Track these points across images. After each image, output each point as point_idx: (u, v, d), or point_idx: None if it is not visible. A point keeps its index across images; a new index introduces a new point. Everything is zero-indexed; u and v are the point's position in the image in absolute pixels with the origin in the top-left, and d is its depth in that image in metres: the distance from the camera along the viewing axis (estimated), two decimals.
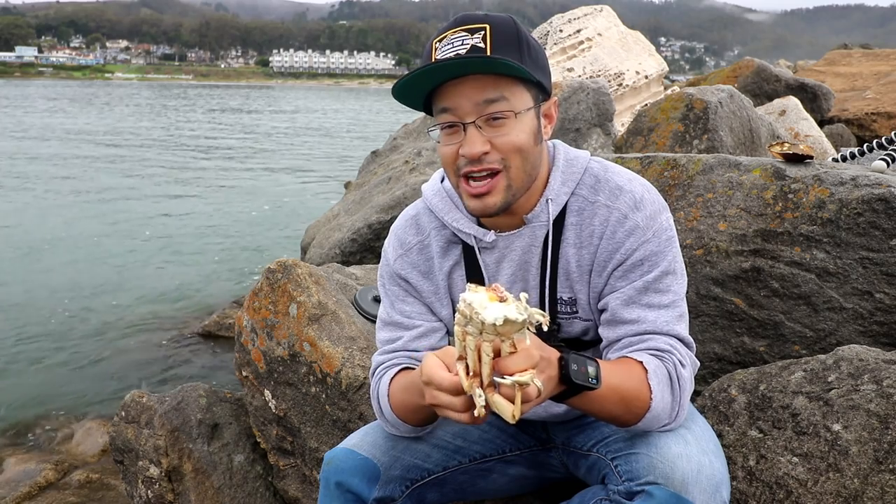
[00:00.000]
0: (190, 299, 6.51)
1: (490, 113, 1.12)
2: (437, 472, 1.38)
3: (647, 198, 1.22)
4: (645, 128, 3.49)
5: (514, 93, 1.13)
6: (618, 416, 1.12)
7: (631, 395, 1.09)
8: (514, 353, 0.93)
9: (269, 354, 2.18)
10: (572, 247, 1.24)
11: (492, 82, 1.11)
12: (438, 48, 1.12)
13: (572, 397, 1.05)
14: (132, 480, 2.48)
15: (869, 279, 1.72)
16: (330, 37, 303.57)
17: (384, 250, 1.40)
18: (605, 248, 1.21)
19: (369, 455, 1.32)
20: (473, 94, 1.11)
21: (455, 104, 1.13)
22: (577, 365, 1.01)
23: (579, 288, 1.26)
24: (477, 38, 1.10)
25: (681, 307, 1.21)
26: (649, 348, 1.16)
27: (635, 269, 1.19)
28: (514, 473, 1.47)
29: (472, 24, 1.12)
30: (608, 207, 1.22)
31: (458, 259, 1.32)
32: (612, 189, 1.23)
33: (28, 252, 8.07)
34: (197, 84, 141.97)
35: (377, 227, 3.89)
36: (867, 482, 1.28)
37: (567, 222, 1.24)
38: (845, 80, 8.42)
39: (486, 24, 1.11)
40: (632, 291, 1.19)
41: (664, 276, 1.19)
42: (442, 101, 1.14)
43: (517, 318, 0.90)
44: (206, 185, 13.24)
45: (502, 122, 1.12)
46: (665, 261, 1.19)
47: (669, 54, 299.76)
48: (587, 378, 1.02)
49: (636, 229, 1.19)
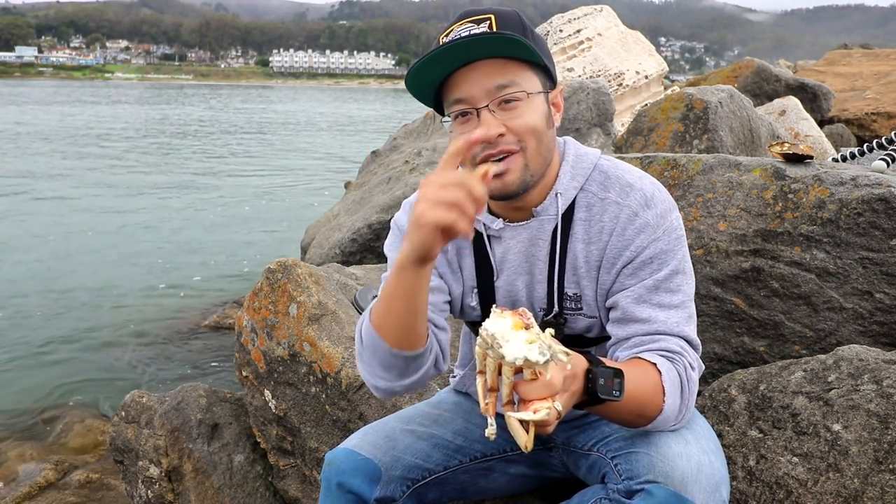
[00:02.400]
0: (190, 299, 6.51)
1: (502, 96, 1.13)
2: (437, 472, 1.38)
3: (658, 196, 1.22)
4: (645, 128, 3.49)
5: (523, 76, 1.14)
6: (630, 421, 1.12)
7: (646, 400, 1.09)
8: (535, 379, 0.90)
9: (269, 354, 2.18)
10: (581, 242, 1.24)
11: (501, 67, 1.12)
12: (447, 41, 1.13)
13: (592, 406, 1.05)
14: (132, 480, 2.48)
15: (869, 279, 1.72)
16: (330, 37, 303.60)
17: (396, 219, 1.37)
18: (614, 245, 1.21)
19: (370, 455, 1.32)
20: (484, 80, 1.13)
21: (467, 93, 1.14)
22: (604, 379, 1.01)
23: (586, 284, 1.25)
24: (483, 26, 1.12)
25: (690, 308, 1.21)
26: (661, 349, 1.16)
27: (645, 266, 1.19)
28: (515, 472, 1.47)
29: (477, 16, 1.14)
30: (618, 204, 1.22)
31: (468, 246, 1.32)
32: (622, 186, 1.23)
33: (26, 252, 8.07)
34: (197, 84, 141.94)
35: (377, 227, 3.89)
36: (867, 482, 1.28)
37: (576, 217, 1.25)
38: (845, 80, 8.42)
39: (491, 15, 1.13)
40: (642, 290, 1.19)
41: (674, 276, 1.19)
42: (453, 93, 1.15)
43: (538, 360, 0.88)
44: (206, 185, 13.23)
45: (515, 105, 1.14)
46: (675, 259, 1.19)
47: (669, 54, 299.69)
48: (611, 392, 1.01)
49: (646, 227, 1.19)
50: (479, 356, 0.94)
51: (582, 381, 1.00)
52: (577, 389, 0.99)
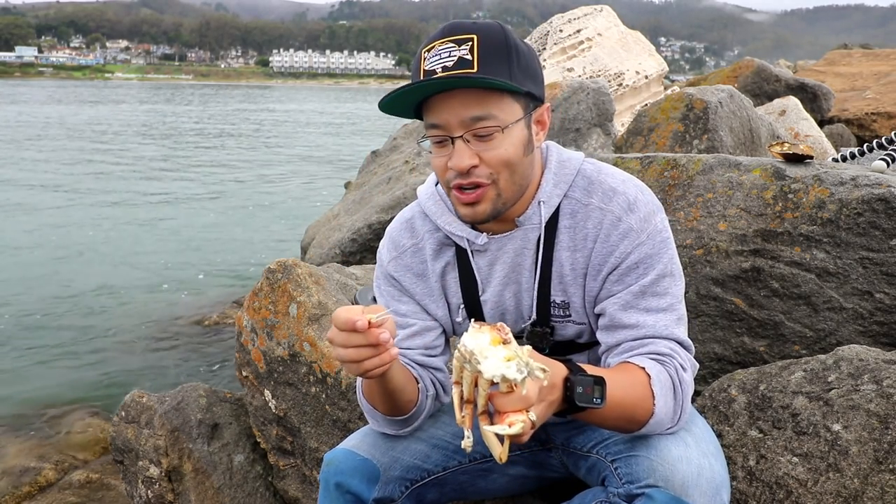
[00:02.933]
0: (190, 299, 6.52)
1: (476, 129, 1.11)
2: (436, 473, 1.38)
3: (641, 199, 1.21)
4: (645, 128, 3.49)
5: (501, 107, 1.12)
6: (620, 427, 1.12)
7: (635, 405, 1.09)
8: (510, 392, 0.90)
9: (269, 354, 2.18)
10: (566, 250, 1.24)
11: (477, 98, 1.10)
12: (427, 58, 1.12)
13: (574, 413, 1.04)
14: (132, 480, 2.48)
15: (869, 279, 1.72)
16: (330, 37, 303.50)
17: (379, 252, 1.40)
18: (599, 252, 1.21)
19: (369, 456, 1.32)
20: (460, 109, 1.11)
21: (443, 120, 1.13)
22: (582, 387, 1.01)
23: (573, 291, 1.25)
24: (464, 49, 1.09)
25: (679, 310, 1.20)
26: (650, 353, 1.15)
27: (631, 272, 1.19)
28: (515, 473, 1.46)
29: (460, 34, 1.11)
30: (602, 210, 1.21)
31: (451, 261, 1.32)
32: (605, 191, 1.22)
33: (25, 251, 8.07)
34: (197, 84, 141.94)
35: (377, 227, 3.89)
36: (867, 482, 1.28)
37: (560, 225, 1.24)
38: (845, 80, 8.42)
39: (474, 35, 1.10)
40: (629, 296, 1.19)
41: (661, 279, 1.19)
42: (430, 116, 1.14)
43: (516, 378, 0.88)
44: (205, 185, 13.24)
45: (490, 137, 1.12)
46: (661, 263, 1.19)
47: (669, 54, 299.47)
48: (591, 399, 1.01)
49: (630, 232, 1.18)
50: (456, 369, 0.95)
51: (560, 389, 1.00)
52: (554, 399, 0.99)
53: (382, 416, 1.29)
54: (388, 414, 1.28)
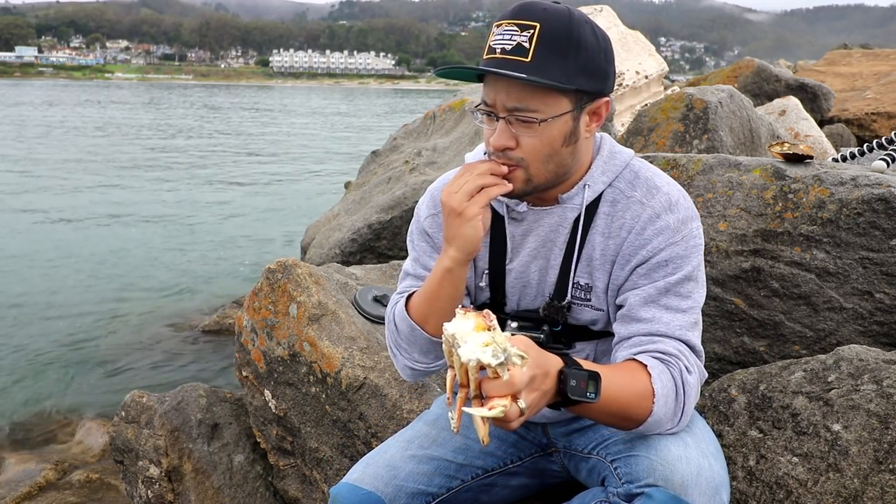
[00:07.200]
0: (190, 299, 6.52)
1: (516, 116, 1.15)
2: (441, 495, 1.38)
3: (682, 203, 1.24)
4: (645, 128, 3.49)
5: (545, 101, 1.14)
6: (615, 423, 1.13)
7: (631, 402, 1.09)
8: (496, 378, 0.93)
9: (269, 354, 2.18)
10: (600, 235, 1.26)
11: (522, 90, 1.13)
12: (495, 33, 1.16)
13: (568, 406, 1.05)
14: (132, 480, 2.48)
15: (869, 279, 1.72)
16: (330, 37, 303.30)
17: (417, 207, 1.43)
18: (632, 243, 1.22)
19: (372, 489, 1.32)
20: (505, 96, 1.15)
21: (491, 99, 1.17)
22: (575, 381, 1.02)
23: (598, 276, 1.26)
24: (525, 36, 1.12)
25: (696, 315, 1.22)
26: (657, 351, 1.16)
27: (659, 268, 1.20)
28: (517, 484, 1.47)
29: (526, 18, 1.13)
30: (642, 204, 1.23)
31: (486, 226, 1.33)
32: (649, 187, 1.25)
33: (25, 251, 8.07)
34: (197, 84, 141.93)
35: (377, 227, 3.89)
36: (867, 482, 1.28)
37: (600, 210, 1.26)
38: (845, 80, 8.42)
39: (538, 24, 1.12)
40: (652, 290, 1.20)
41: (686, 281, 1.20)
42: (484, 92, 1.19)
43: (491, 362, 0.91)
44: (205, 185, 13.24)
45: (529, 125, 1.15)
46: (689, 266, 1.20)
47: (669, 54, 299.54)
48: (585, 393, 1.02)
49: (666, 229, 1.20)
50: (447, 353, 0.98)
51: (554, 380, 1.01)
52: (548, 389, 1.00)
53: (427, 336, 1.28)
54: (437, 334, 1.25)
